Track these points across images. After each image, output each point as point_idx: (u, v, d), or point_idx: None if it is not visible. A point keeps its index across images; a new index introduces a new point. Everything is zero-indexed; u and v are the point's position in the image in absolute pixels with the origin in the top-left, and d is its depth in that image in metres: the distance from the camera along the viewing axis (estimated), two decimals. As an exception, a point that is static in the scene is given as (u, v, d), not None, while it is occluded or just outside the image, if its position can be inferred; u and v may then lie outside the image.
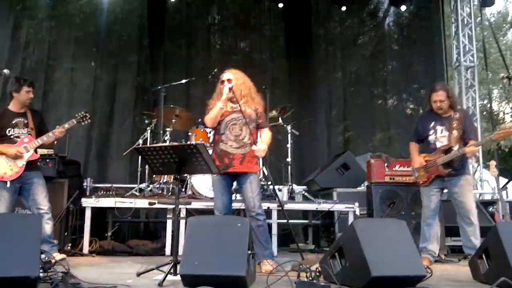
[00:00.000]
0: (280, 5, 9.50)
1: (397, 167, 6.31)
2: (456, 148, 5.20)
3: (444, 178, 5.33)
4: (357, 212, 6.29)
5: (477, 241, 5.15)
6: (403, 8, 9.68)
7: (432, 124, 5.47)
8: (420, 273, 3.69)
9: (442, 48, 9.44)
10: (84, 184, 7.02)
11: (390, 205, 6.12)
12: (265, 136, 4.90)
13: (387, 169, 6.31)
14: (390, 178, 6.29)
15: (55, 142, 5.35)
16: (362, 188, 6.99)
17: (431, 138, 5.47)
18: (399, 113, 10.02)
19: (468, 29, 8.96)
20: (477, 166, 8.80)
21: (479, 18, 9.74)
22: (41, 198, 5.03)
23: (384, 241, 3.76)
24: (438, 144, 5.39)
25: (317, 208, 6.48)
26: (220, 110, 4.69)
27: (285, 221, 6.05)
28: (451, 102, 5.38)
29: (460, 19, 8.99)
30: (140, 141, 7.21)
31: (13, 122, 5.06)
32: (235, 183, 4.97)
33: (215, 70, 7.15)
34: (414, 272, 3.68)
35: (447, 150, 5.28)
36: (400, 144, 8.93)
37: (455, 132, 5.25)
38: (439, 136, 5.40)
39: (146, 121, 7.49)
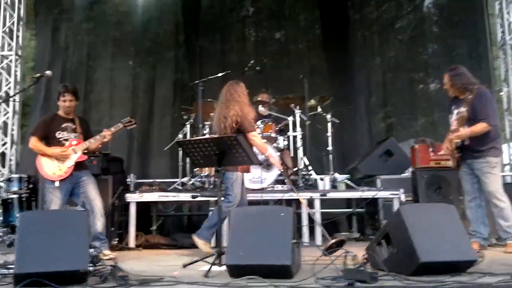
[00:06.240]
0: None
1: (442, 152, 6.12)
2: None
3: (467, 161, 5.17)
4: (403, 199, 6.14)
5: (506, 223, 4.96)
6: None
7: (453, 107, 5.32)
8: (471, 257, 3.58)
9: (486, 27, 9.07)
10: (128, 180, 7.14)
11: (437, 190, 5.97)
12: None
13: (432, 154, 6.16)
14: (436, 163, 6.14)
15: (101, 146, 5.44)
16: (407, 174, 6.83)
17: (450, 121, 5.35)
18: (442, 97, 9.66)
19: (513, 5, 8.58)
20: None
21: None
22: (93, 195, 5.18)
23: (432, 226, 3.64)
24: (452, 128, 5.24)
25: (361, 196, 6.36)
26: None
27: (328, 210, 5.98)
28: (457, 85, 5.15)
29: (504, -4, 8.61)
30: (180, 136, 7.29)
31: (62, 126, 5.24)
32: None
33: (251, 62, 7.13)
34: (464, 257, 3.57)
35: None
36: (445, 128, 8.64)
37: (461, 115, 5.05)
38: (453, 119, 5.26)
39: (185, 117, 7.53)
